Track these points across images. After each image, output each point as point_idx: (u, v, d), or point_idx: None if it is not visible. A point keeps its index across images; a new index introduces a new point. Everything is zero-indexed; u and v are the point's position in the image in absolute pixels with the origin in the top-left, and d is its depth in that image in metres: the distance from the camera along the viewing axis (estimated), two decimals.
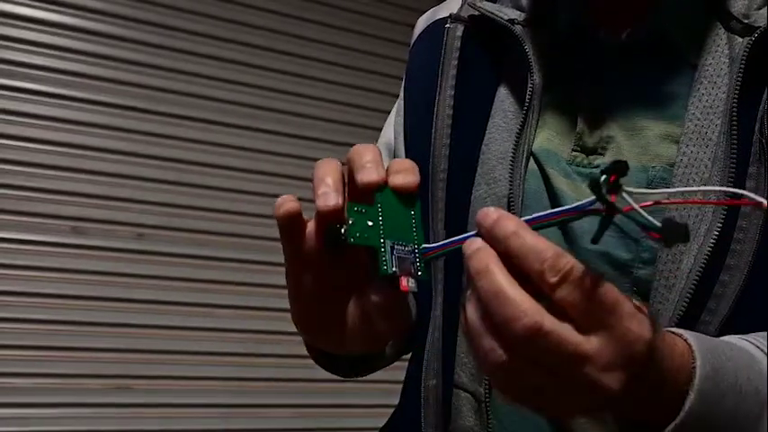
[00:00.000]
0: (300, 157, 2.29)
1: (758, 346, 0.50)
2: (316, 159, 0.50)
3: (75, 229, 2.02)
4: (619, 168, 0.40)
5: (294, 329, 0.54)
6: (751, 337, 0.51)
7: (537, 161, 0.61)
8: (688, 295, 0.53)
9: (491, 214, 0.43)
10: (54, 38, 2.05)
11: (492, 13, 0.63)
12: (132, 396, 2.03)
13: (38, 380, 1.94)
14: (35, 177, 1.99)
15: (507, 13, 0.64)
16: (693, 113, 0.56)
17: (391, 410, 0.74)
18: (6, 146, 1.97)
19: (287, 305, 0.53)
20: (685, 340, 0.46)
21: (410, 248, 0.47)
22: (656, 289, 0.55)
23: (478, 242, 0.43)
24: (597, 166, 0.59)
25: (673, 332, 0.47)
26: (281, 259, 0.51)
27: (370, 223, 0.46)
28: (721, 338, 0.50)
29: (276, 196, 0.49)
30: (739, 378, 0.46)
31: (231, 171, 2.22)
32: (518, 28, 0.62)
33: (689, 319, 0.54)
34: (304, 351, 0.63)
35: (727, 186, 0.53)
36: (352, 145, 0.49)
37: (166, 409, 2.07)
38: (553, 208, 0.58)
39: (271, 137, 2.29)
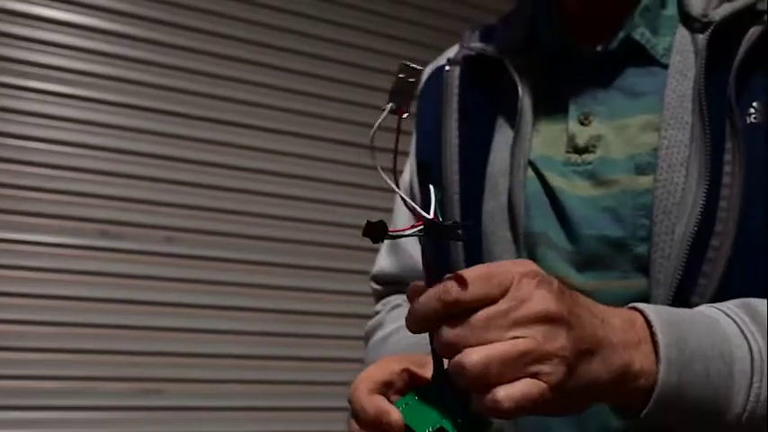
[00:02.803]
0: (331, 160, 2.29)
1: (725, 312, 0.54)
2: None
3: (103, 232, 2.04)
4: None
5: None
6: (723, 305, 0.56)
7: (535, 168, 0.69)
8: (683, 260, 0.59)
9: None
10: (94, 43, 2.07)
11: (482, 50, 0.74)
12: (162, 399, 2.05)
13: (67, 383, 1.96)
14: (63, 180, 2.01)
15: (496, 46, 0.74)
16: (669, 102, 0.64)
17: None
18: (36, 149, 1.99)
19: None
20: (645, 316, 0.51)
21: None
22: (655, 261, 0.61)
23: None
24: (590, 163, 0.67)
25: (633, 307, 0.52)
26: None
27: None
28: (686, 309, 0.54)
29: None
30: (703, 344, 0.51)
31: (261, 174, 2.23)
32: (506, 58, 0.72)
33: (686, 286, 0.59)
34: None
35: (706, 162, 0.60)
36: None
37: (196, 413, 2.09)
38: (552, 204, 0.68)
39: (303, 141, 2.29)
